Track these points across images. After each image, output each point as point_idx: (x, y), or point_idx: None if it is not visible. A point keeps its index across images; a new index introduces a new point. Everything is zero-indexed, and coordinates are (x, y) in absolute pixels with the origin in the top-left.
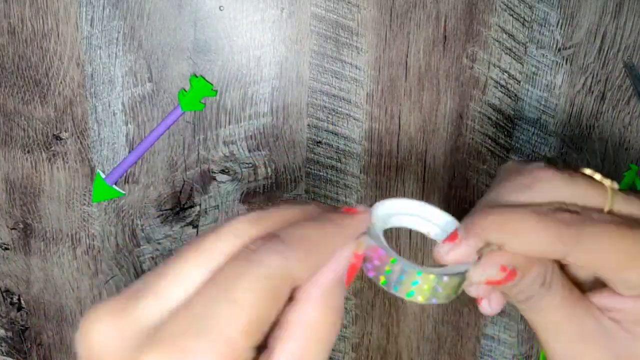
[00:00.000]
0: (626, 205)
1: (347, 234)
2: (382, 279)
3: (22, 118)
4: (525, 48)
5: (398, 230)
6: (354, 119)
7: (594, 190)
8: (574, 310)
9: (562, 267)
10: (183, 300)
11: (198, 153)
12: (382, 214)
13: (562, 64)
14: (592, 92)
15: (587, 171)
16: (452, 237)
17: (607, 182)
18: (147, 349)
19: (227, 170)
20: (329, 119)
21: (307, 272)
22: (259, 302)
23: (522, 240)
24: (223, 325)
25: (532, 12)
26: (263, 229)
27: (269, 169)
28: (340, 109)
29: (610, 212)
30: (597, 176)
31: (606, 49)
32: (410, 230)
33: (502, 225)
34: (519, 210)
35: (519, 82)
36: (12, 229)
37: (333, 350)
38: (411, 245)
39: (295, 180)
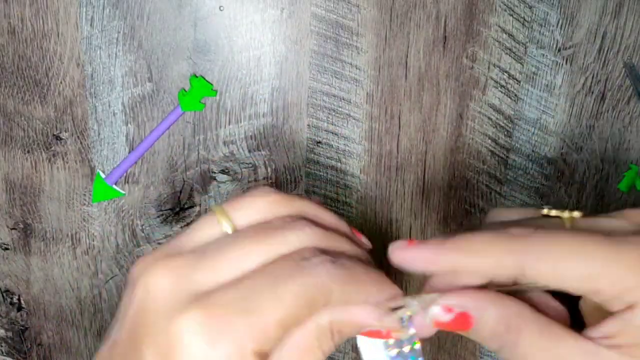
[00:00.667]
0: (589, 226)
1: (382, 291)
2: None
3: (22, 118)
4: (525, 48)
5: (399, 231)
6: (354, 119)
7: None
8: (559, 350)
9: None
10: (234, 278)
11: (198, 153)
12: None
13: (562, 64)
14: (592, 92)
15: (544, 211)
16: (410, 242)
17: (565, 214)
18: (193, 307)
19: (227, 170)
20: (329, 119)
21: (340, 299)
22: (298, 303)
23: (473, 258)
24: (263, 311)
25: (532, 12)
26: (324, 240)
27: (269, 169)
28: (340, 109)
29: None
30: (553, 212)
31: (606, 49)
32: (410, 231)
33: (455, 246)
34: (473, 232)
35: (519, 82)
36: (12, 229)
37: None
38: None
39: (295, 180)
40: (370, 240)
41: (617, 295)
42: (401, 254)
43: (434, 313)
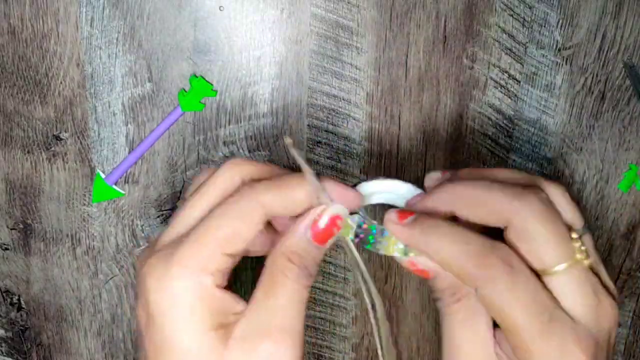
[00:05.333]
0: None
1: (313, 189)
2: (367, 242)
3: (22, 118)
4: (525, 48)
5: None
6: (354, 119)
7: None
8: (471, 335)
9: None
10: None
11: (198, 153)
12: (364, 192)
13: (562, 64)
14: (592, 92)
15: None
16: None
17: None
18: (150, 258)
19: None
20: (329, 119)
21: (276, 203)
22: (231, 223)
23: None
24: (203, 240)
25: (532, 13)
26: (250, 169)
27: None
28: (340, 109)
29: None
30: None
31: (606, 49)
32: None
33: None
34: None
35: (519, 82)
36: (12, 229)
37: (333, 350)
38: None
39: None
40: None
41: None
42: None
43: (407, 260)
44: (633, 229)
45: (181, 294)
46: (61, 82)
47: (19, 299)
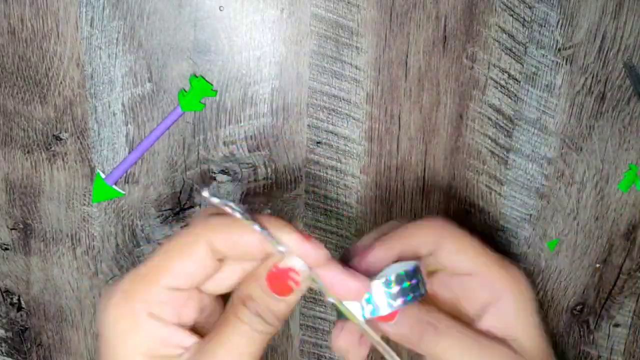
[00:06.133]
0: None
1: (263, 238)
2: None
3: (22, 118)
4: (525, 48)
5: None
6: (354, 119)
7: None
8: (478, 352)
9: None
10: None
11: (198, 153)
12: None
13: (562, 64)
14: (592, 92)
15: None
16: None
17: None
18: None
19: (227, 171)
20: (329, 119)
21: (223, 243)
22: (174, 257)
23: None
24: (147, 270)
25: (532, 13)
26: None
27: (269, 169)
28: (340, 109)
29: None
30: None
31: (606, 49)
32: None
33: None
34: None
35: (519, 82)
36: (12, 229)
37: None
38: None
39: (295, 181)
40: None
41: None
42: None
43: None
44: (633, 229)
45: (118, 321)
46: (61, 82)
47: (19, 299)
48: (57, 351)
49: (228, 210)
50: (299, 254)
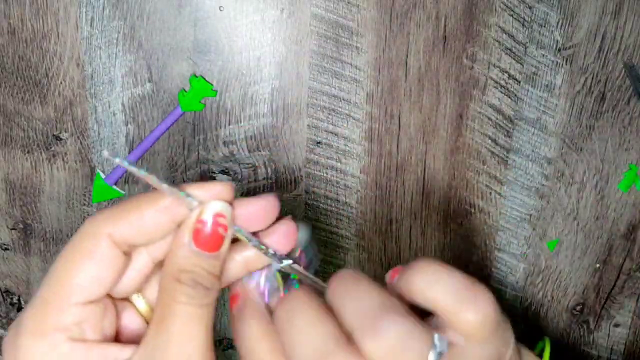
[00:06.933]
0: None
1: (173, 198)
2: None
3: (22, 118)
4: (525, 48)
5: (398, 231)
6: (354, 119)
7: None
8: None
9: None
10: None
11: (198, 153)
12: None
13: (562, 64)
14: (592, 92)
15: None
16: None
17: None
18: (9, 329)
19: (227, 171)
20: (329, 119)
21: (126, 231)
22: (75, 268)
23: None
24: (48, 294)
25: (532, 13)
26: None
27: (268, 169)
28: (340, 109)
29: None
30: None
31: (606, 49)
32: (410, 231)
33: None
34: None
35: (519, 82)
36: (12, 229)
37: None
38: (410, 246)
39: (295, 181)
40: (371, 240)
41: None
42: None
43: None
44: (633, 229)
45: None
46: (61, 82)
47: (19, 299)
48: None
49: (132, 170)
50: (213, 197)
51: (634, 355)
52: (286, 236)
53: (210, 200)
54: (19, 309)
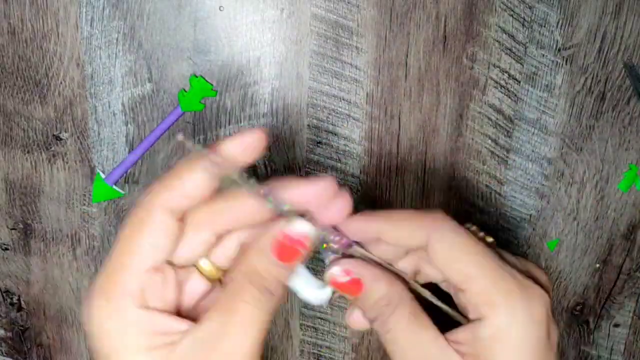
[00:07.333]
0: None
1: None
2: None
3: (22, 118)
4: (525, 48)
5: None
6: (354, 119)
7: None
8: (419, 337)
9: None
10: None
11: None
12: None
13: (562, 64)
14: (592, 92)
15: (472, 227)
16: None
17: (490, 239)
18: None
19: None
20: (329, 119)
21: (168, 197)
22: (137, 236)
23: (394, 227)
24: (116, 261)
25: (532, 13)
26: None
27: (268, 169)
28: (340, 109)
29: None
30: (473, 228)
31: (606, 49)
32: None
33: (380, 217)
34: (395, 210)
35: (519, 82)
36: (12, 229)
37: (333, 350)
38: None
39: None
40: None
41: (476, 303)
42: (344, 226)
43: (333, 272)
44: (633, 229)
45: (107, 323)
46: (61, 82)
47: (19, 299)
48: (57, 351)
49: (216, 160)
50: (246, 149)
51: (634, 355)
52: (340, 211)
53: (299, 218)
54: (19, 309)
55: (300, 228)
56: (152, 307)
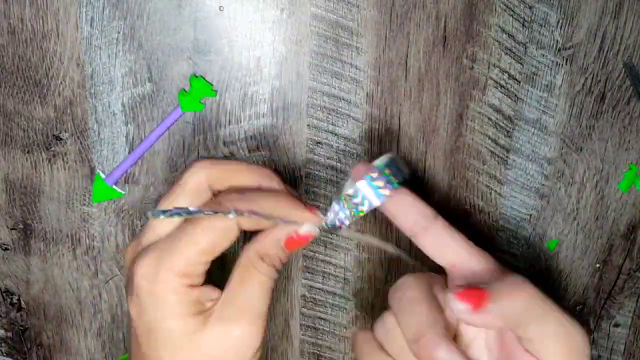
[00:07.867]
0: None
1: (288, 213)
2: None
3: (22, 118)
4: (525, 48)
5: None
6: (354, 119)
7: None
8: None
9: None
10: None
11: (198, 153)
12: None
13: (562, 64)
14: (592, 92)
15: None
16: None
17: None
18: (139, 257)
19: None
20: (329, 119)
21: (251, 224)
22: (208, 239)
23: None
24: (184, 249)
25: (532, 13)
26: (217, 174)
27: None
28: (340, 109)
29: None
30: None
31: (606, 49)
32: None
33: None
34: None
35: (519, 82)
36: (12, 229)
37: (333, 350)
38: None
39: (295, 181)
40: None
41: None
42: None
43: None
44: (633, 229)
45: (167, 294)
46: (61, 82)
47: (19, 299)
48: (57, 351)
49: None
50: (308, 221)
51: (634, 355)
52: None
53: (308, 225)
54: (19, 309)
55: (309, 230)
56: (198, 284)
